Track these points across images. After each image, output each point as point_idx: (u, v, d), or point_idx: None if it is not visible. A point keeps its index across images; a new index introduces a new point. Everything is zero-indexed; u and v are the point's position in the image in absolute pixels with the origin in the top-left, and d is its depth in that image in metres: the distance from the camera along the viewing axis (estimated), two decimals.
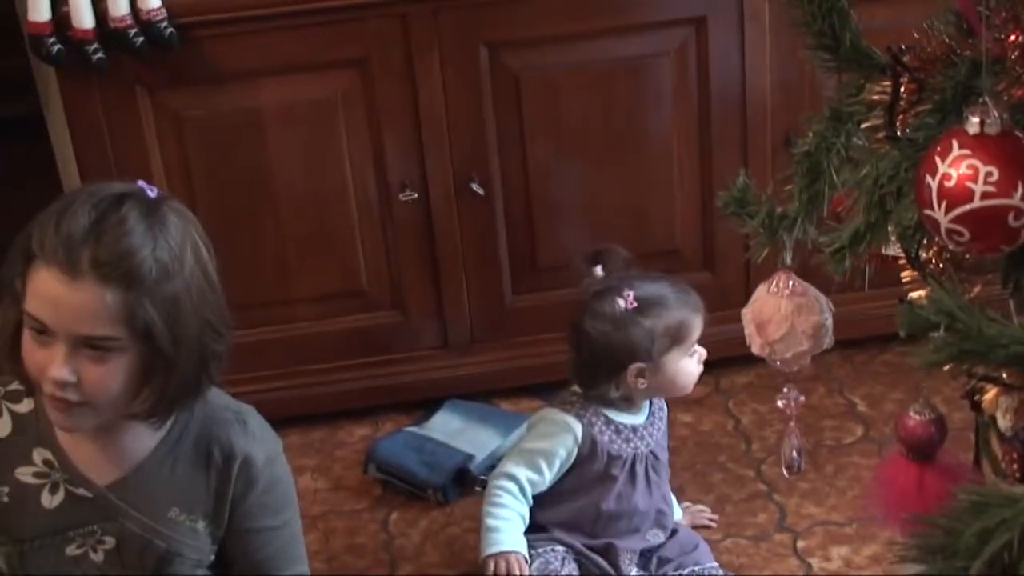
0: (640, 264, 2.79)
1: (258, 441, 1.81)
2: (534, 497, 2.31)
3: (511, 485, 2.27)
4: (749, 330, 1.63)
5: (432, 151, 2.67)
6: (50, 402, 1.63)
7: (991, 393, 1.40)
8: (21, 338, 1.61)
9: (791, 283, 1.60)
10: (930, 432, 1.46)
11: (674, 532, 2.40)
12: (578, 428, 2.28)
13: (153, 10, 2.44)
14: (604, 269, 2.34)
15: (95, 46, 2.45)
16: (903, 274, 1.44)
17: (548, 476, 2.29)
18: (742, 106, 2.69)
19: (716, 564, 2.38)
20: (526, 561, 2.26)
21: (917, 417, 1.47)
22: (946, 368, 1.25)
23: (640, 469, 2.34)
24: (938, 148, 1.27)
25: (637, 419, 2.34)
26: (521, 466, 2.28)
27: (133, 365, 1.61)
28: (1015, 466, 1.42)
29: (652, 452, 2.36)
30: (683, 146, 2.73)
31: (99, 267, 1.55)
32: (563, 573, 2.28)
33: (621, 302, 2.24)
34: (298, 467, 1.94)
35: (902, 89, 1.40)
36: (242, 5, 2.49)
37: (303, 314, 2.80)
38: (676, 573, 2.34)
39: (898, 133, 1.40)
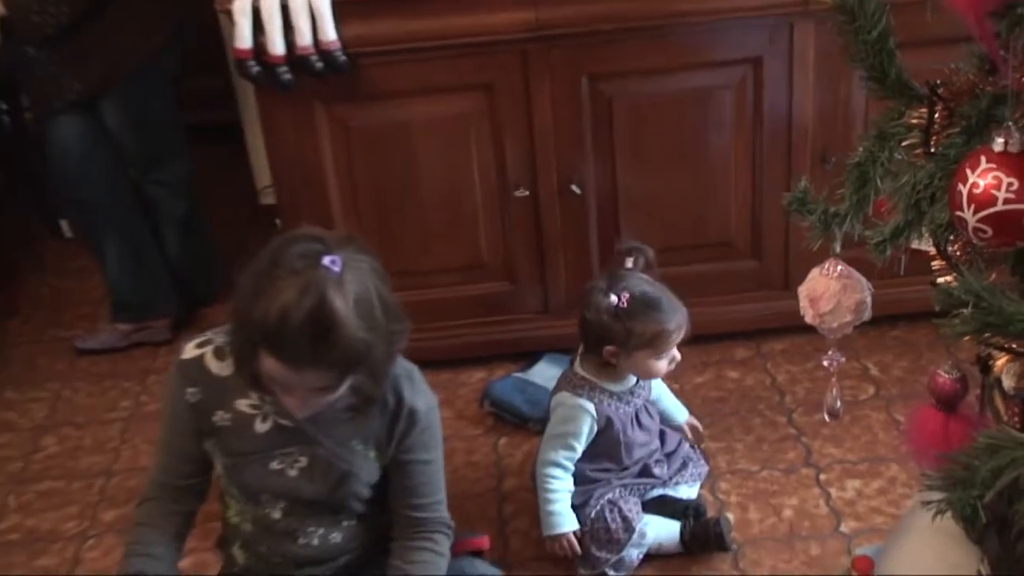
0: (699, 252, 2.79)
1: (421, 393, 1.83)
2: None
3: (556, 471, 2.23)
4: (803, 304, 1.61)
5: (541, 158, 2.66)
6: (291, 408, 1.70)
7: (1002, 359, 1.37)
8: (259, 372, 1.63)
9: (839, 267, 1.58)
10: (955, 388, 1.44)
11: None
12: (591, 408, 2.23)
13: (330, 41, 2.46)
14: (634, 263, 2.25)
15: (285, 68, 2.48)
16: (933, 263, 1.41)
17: (580, 449, 2.24)
18: (788, 129, 2.64)
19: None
20: (579, 530, 2.23)
21: (946, 375, 1.45)
22: (967, 338, 1.23)
23: (642, 417, 2.31)
24: (969, 162, 1.24)
25: (627, 385, 2.28)
26: (559, 450, 2.23)
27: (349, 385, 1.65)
28: (1016, 420, 1.39)
29: (646, 402, 2.32)
30: (739, 160, 2.70)
31: (321, 366, 1.57)
32: (630, 505, 2.25)
33: (615, 298, 2.15)
34: None
35: (936, 115, 1.37)
36: (398, 39, 2.49)
37: (437, 281, 2.80)
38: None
39: (932, 150, 1.37)
